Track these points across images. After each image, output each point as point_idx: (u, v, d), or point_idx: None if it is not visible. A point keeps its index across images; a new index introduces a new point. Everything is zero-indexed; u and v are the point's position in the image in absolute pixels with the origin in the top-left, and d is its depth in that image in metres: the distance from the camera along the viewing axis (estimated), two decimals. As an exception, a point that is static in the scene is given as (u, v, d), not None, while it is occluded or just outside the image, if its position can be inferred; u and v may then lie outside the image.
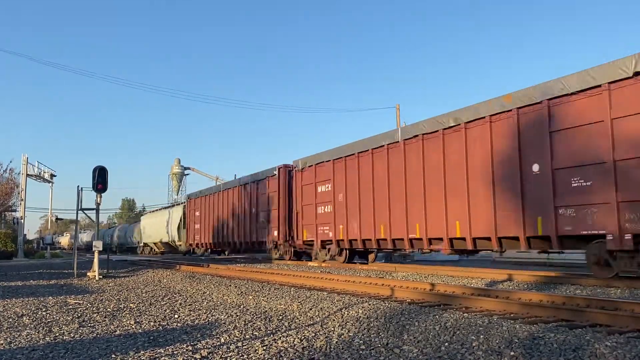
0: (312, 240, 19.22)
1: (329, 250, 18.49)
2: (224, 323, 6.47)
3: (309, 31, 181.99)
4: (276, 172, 21.72)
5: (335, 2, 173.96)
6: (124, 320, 6.89)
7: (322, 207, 18.64)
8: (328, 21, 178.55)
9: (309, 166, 19.52)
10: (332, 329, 5.86)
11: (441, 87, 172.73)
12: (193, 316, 7.11)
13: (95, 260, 14.71)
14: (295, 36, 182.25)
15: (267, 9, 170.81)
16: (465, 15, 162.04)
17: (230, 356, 4.66)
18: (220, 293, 9.86)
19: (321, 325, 6.09)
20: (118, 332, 5.99)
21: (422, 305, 7.53)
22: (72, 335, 5.83)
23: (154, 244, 41.17)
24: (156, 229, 39.92)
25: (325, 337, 5.37)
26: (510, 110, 11.73)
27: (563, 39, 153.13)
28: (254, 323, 6.40)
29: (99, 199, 14.80)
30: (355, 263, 18.25)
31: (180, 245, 35.08)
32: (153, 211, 47.32)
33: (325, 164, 18.55)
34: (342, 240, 17.40)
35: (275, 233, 21.70)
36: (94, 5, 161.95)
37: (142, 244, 45.29)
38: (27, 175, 35.35)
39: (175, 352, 4.84)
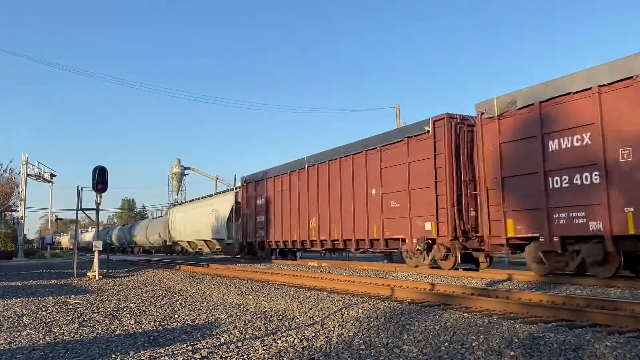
0: (532, 237, 11.25)
1: (576, 253, 10.63)
2: (224, 323, 6.47)
3: (309, 31, 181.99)
4: (428, 128, 14.04)
5: (336, 3, 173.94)
6: (124, 320, 6.89)
7: (564, 177, 10.56)
8: (328, 21, 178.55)
9: (522, 108, 11.46)
10: (332, 328, 5.86)
11: (441, 87, 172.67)
12: (193, 316, 7.11)
13: (95, 260, 14.72)
14: (296, 36, 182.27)
15: (267, 9, 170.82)
16: (465, 15, 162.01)
17: (230, 356, 4.66)
18: (220, 293, 9.86)
19: (321, 325, 6.09)
20: (118, 332, 5.99)
21: (422, 305, 7.53)
22: (72, 335, 5.83)
23: (189, 242, 33.82)
24: (193, 223, 31.97)
25: (325, 337, 5.37)
26: None
27: (564, 39, 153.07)
28: (254, 323, 6.40)
29: (99, 199, 14.81)
30: (626, 277, 10.80)
31: (230, 243, 27.00)
32: (184, 202, 38.78)
33: (572, 99, 10.50)
34: None
35: (428, 226, 13.97)
36: (94, 5, 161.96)
37: (169, 243, 38.02)
38: (27, 175, 35.36)
39: (175, 352, 4.84)
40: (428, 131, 14.10)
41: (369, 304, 7.54)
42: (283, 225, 21.77)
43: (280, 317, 6.82)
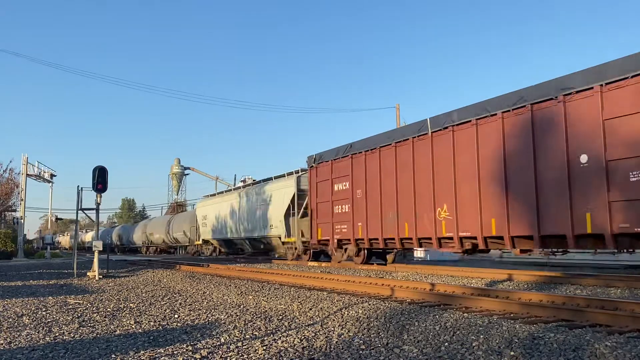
0: None
1: None
2: (224, 323, 6.47)
3: (309, 32, 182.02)
4: None
5: (335, 3, 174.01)
6: (124, 320, 6.89)
7: None
8: (327, 22, 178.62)
9: None
10: (332, 328, 5.86)
11: (441, 87, 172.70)
12: (193, 316, 7.12)
13: (95, 260, 14.72)
14: (295, 37, 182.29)
15: (267, 10, 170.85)
16: (466, 16, 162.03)
17: (230, 356, 4.66)
18: (220, 293, 9.86)
19: (321, 325, 6.09)
20: (118, 332, 5.99)
21: (422, 305, 7.53)
22: (72, 335, 5.83)
23: (225, 241, 28.28)
24: (234, 218, 26.05)
25: (325, 337, 5.37)
26: None
27: (563, 39, 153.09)
28: (254, 323, 6.40)
29: (99, 199, 14.82)
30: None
31: (291, 242, 21.14)
32: (221, 192, 30.61)
33: None
34: None
35: None
36: (94, 6, 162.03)
37: (198, 242, 32.12)
38: (27, 175, 35.32)
39: (175, 352, 4.84)
40: None
41: (369, 304, 7.54)
42: (383, 217, 15.49)
43: (280, 317, 6.82)
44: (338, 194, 17.84)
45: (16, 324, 6.72)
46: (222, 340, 5.39)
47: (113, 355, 4.76)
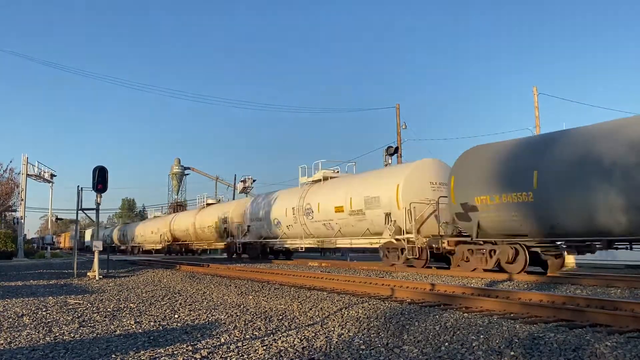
0: None
1: None
2: (224, 323, 6.47)
3: (309, 32, 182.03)
4: None
5: (336, 3, 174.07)
6: (124, 320, 6.89)
7: None
8: (327, 22, 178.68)
9: None
10: (332, 328, 5.86)
11: (441, 88, 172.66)
12: (193, 316, 7.12)
13: (95, 260, 14.72)
14: (295, 37, 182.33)
15: (267, 10, 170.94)
16: (466, 17, 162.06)
17: (230, 356, 4.66)
18: (220, 293, 9.86)
19: (321, 325, 6.09)
20: (118, 332, 5.99)
21: (422, 305, 7.53)
22: (72, 335, 5.83)
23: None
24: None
25: (325, 337, 5.37)
26: None
27: (564, 40, 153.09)
28: (254, 323, 6.40)
29: (99, 199, 14.82)
30: None
31: None
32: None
33: None
34: None
35: None
36: (94, 5, 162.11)
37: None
38: (27, 175, 35.33)
39: (175, 352, 4.84)
40: None
41: (369, 304, 7.54)
42: None
43: (280, 317, 6.82)
44: None
45: (16, 324, 6.72)
46: (222, 340, 5.39)
47: (113, 355, 4.76)
